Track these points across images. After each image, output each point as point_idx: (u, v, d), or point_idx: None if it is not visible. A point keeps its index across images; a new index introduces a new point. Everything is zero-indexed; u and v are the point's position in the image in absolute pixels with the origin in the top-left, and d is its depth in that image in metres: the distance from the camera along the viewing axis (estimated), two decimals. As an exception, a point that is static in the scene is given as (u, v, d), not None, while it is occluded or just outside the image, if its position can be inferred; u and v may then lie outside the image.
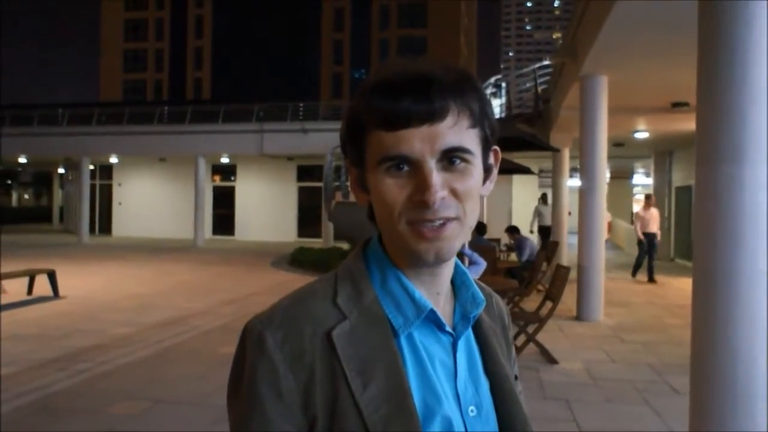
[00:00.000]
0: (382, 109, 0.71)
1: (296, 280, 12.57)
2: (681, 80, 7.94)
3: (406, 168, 0.71)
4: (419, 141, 0.70)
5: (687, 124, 10.22)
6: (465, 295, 0.81)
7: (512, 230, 11.07)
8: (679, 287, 11.22)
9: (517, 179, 17.55)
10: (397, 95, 0.70)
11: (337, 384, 0.70)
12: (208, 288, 11.26)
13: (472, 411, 0.76)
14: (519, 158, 12.16)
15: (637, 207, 23.15)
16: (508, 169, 10.08)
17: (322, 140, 20.40)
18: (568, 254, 14.05)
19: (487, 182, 0.79)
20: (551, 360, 5.99)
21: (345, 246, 16.22)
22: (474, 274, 6.00)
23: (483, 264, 6.20)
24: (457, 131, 0.71)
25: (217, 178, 25.94)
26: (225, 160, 23.93)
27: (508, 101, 17.23)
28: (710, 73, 3.41)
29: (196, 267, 14.82)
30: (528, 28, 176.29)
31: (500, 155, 0.82)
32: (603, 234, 8.75)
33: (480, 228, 9.76)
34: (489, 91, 18.16)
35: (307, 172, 24.53)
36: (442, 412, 0.73)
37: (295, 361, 0.70)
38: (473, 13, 70.23)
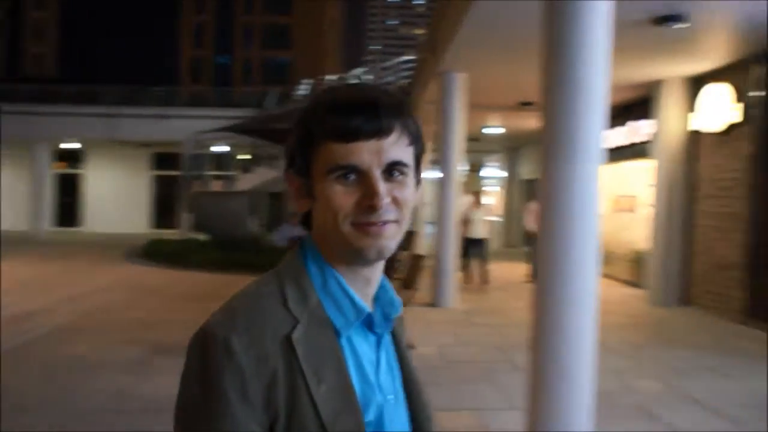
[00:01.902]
0: (337, 124, 0.81)
1: (152, 273, 11.95)
2: (528, 80, 8.52)
3: (353, 177, 0.81)
4: (368, 153, 0.81)
5: (534, 122, 10.99)
6: (384, 297, 0.91)
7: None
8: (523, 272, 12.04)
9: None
10: (351, 113, 0.81)
11: (296, 383, 0.78)
12: (50, 285, 10.34)
13: (391, 398, 0.88)
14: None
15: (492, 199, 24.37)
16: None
17: (182, 127, 19.46)
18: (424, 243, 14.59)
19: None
20: (408, 345, 6.21)
21: (202, 237, 15.55)
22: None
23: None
24: (399, 147, 0.83)
25: (62, 164, 23.85)
26: (71, 145, 22.06)
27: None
28: (550, 73, 3.63)
29: (37, 261, 13.55)
30: (393, 22, 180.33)
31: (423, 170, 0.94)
32: (459, 223, 9.18)
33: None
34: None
35: (164, 160, 23.33)
36: (376, 401, 0.84)
37: (260, 364, 0.76)
38: (340, 4, 70.46)
